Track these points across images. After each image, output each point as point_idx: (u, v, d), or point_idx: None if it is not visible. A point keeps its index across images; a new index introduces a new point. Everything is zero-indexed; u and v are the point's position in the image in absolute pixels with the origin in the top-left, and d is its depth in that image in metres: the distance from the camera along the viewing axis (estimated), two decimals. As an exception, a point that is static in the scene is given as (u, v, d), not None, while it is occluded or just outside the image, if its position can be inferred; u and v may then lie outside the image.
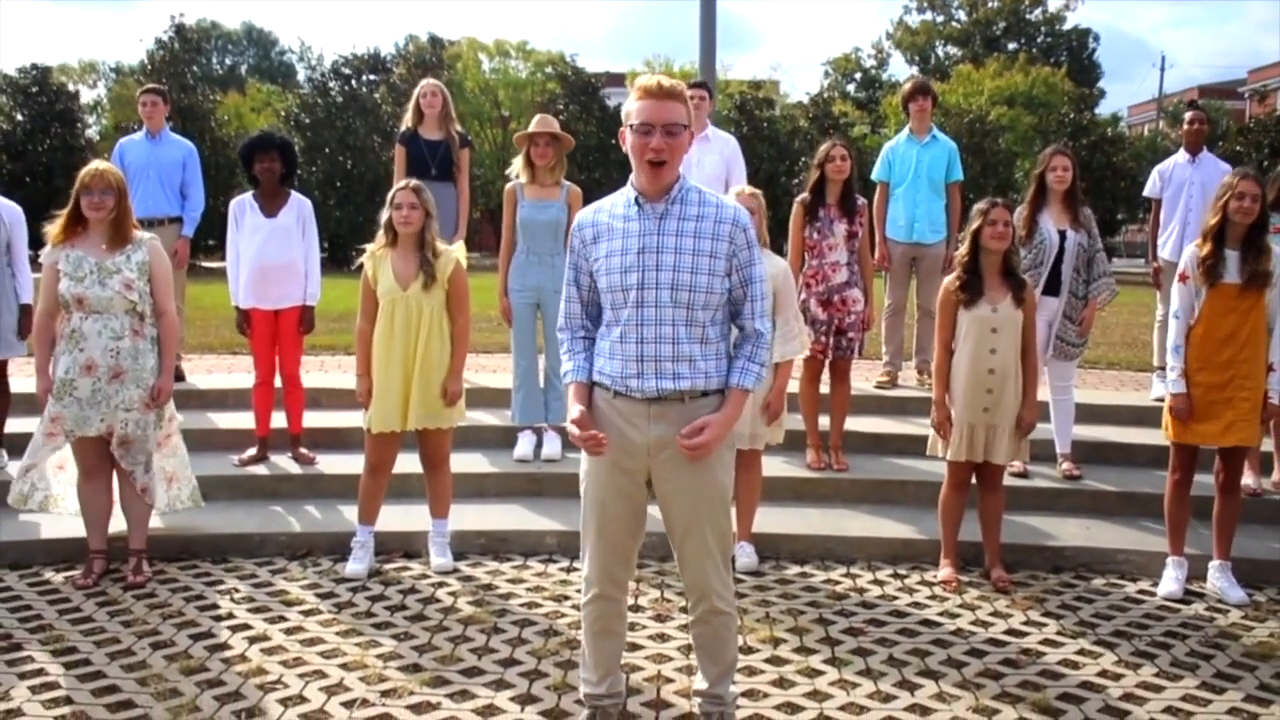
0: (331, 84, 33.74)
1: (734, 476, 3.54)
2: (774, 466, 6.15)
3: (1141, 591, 5.19)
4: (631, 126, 3.16)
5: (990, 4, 53.22)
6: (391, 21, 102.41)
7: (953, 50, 52.40)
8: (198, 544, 5.50)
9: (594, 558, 3.35)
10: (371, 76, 34.81)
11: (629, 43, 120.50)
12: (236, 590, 4.98)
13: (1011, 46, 50.65)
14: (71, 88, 36.00)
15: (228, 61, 65.71)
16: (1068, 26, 52.96)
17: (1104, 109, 45.83)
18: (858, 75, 53.25)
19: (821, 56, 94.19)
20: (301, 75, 48.21)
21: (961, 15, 54.22)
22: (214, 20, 62.96)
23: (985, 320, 5.03)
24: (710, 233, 3.20)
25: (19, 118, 31.86)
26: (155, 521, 5.40)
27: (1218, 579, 5.12)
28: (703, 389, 3.22)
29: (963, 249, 5.12)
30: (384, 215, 5.07)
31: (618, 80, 41.12)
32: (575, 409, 3.26)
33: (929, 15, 54.80)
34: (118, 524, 5.20)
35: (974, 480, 5.26)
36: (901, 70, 52.60)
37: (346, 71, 34.09)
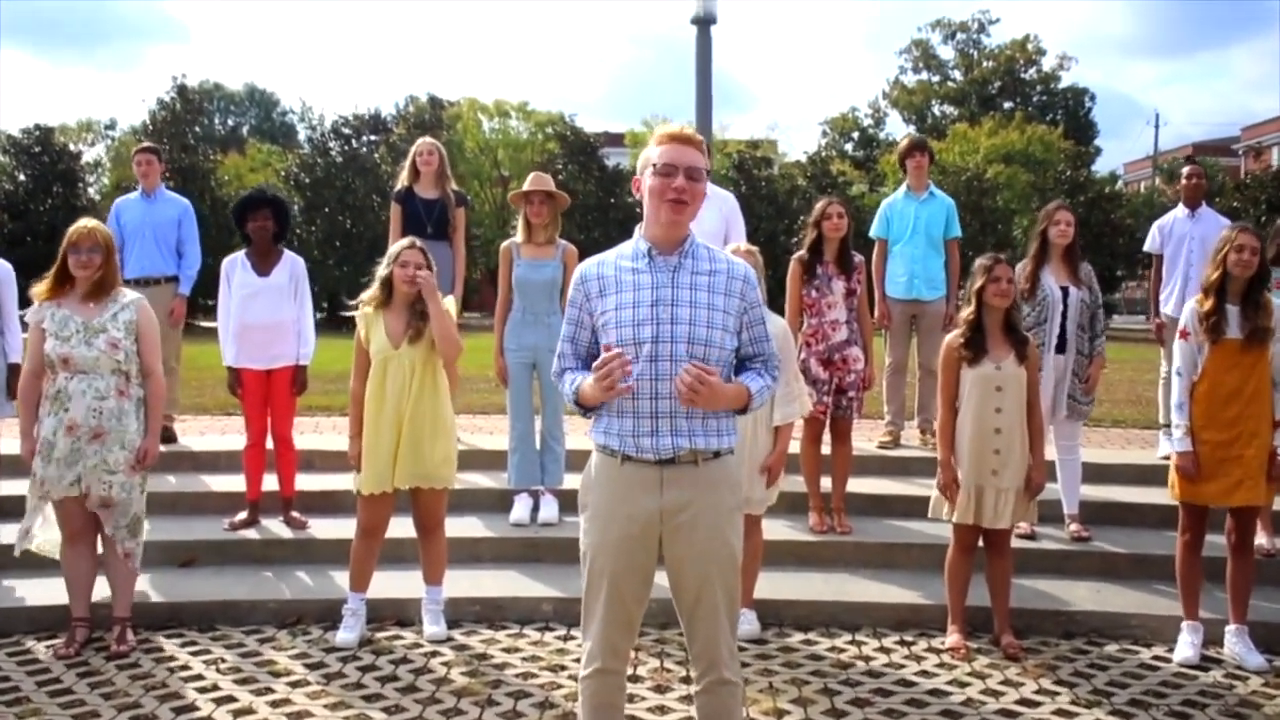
0: (331, 144, 33.97)
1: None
2: (775, 530, 6.02)
3: (1156, 658, 5.04)
4: (654, 167, 3.07)
5: (985, 64, 53.75)
6: (393, 83, 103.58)
7: (949, 109, 52.83)
8: (184, 611, 5.36)
9: (598, 631, 3.20)
10: (372, 137, 35.08)
11: (626, 104, 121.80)
12: (223, 660, 4.83)
13: (1007, 105, 51.05)
14: (73, 148, 36.27)
15: (230, 122, 66.35)
16: (1063, 85, 53.47)
17: (1099, 166, 46.11)
18: (855, 134, 53.67)
19: (816, 117, 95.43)
20: (302, 135, 48.64)
21: (957, 75, 54.77)
22: (217, 82, 63.68)
23: (989, 378, 4.93)
24: (723, 288, 3.13)
25: (21, 178, 32.09)
26: (142, 588, 5.28)
27: (1235, 644, 4.97)
28: (715, 449, 3.12)
29: (967, 308, 5.03)
30: (382, 271, 4.99)
31: (616, 140, 41.53)
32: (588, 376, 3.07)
33: (925, 75, 55.37)
34: (103, 591, 5.07)
35: (980, 543, 5.14)
36: (899, 129, 52.97)
37: (346, 131, 34.35)
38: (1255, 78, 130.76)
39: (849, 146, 51.89)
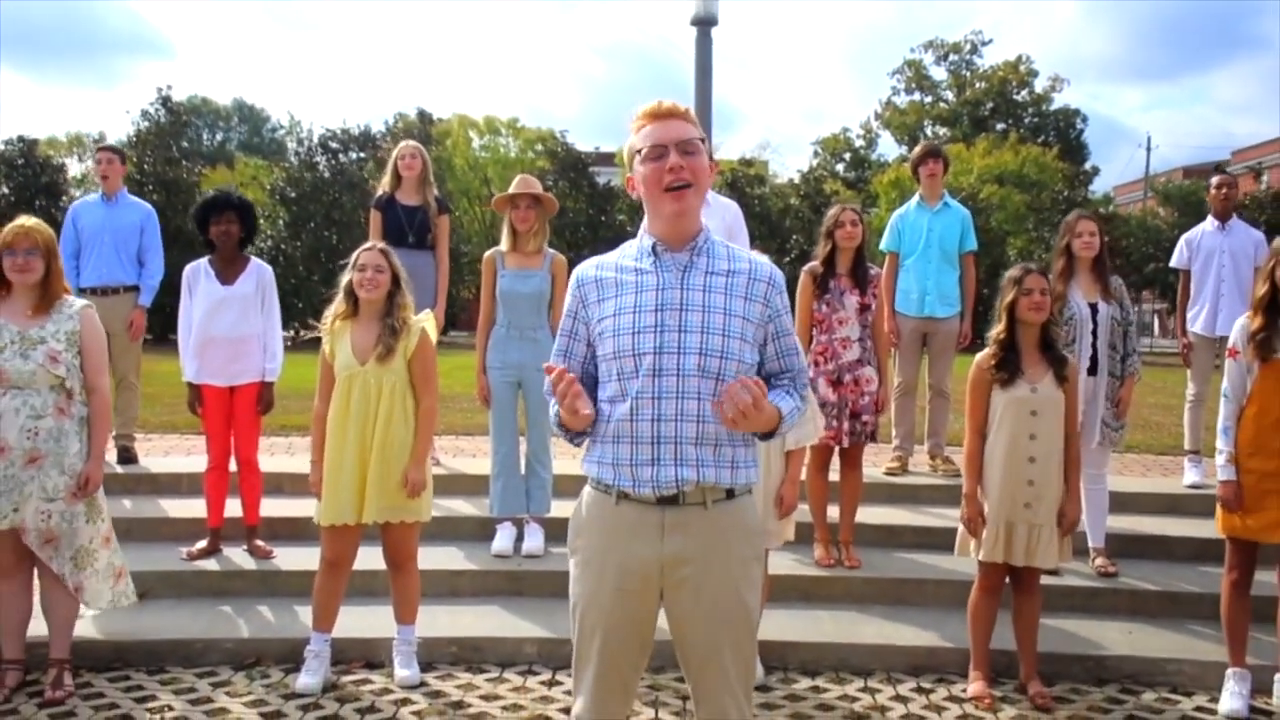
0: (319, 158, 33.56)
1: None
2: (779, 563, 5.57)
3: (1199, 709, 4.59)
4: (639, 154, 2.63)
5: (977, 85, 53.70)
6: (383, 99, 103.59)
7: (941, 130, 52.67)
8: (131, 651, 4.87)
9: (590, 694, 2.71)
10: (361, 154, 34.66)
11: (616, 125, 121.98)
12: (169, 708, 4.34)
13: (1000, 127, 50.94)
14: (59, 161, 35.81)
15: (218, 138, 65.90)
16: (1055, 107, 53.37)
17: (1094, 187, 45.96)
18: (847, 155, 53.49)
19: (806, 138, 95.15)
20: (290, 150, 48.36)
21: (949, 96, 54.68)
22: (205, 97, 63.26)
23: (1024, 402, 4.46)
24: (744, 291, 2.65)
25: (4, 190, 31.58)
26: (85, 625, 4.79)
27: (1287, 695, 4.52)
28: (729, 485, 2.64)
29: (997, 325, 4.57)
30: (344, 278, 4.54)
31: (607, 160, 41.13)
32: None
33: (917, 96, 55.27)
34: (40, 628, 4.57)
35: (1006, 580, 4.67)
36: (891, 150, 52.91)
37: (334, 145, 33.94)
38: (1236, 102, 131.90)
39: (840, 167, 51.71)
